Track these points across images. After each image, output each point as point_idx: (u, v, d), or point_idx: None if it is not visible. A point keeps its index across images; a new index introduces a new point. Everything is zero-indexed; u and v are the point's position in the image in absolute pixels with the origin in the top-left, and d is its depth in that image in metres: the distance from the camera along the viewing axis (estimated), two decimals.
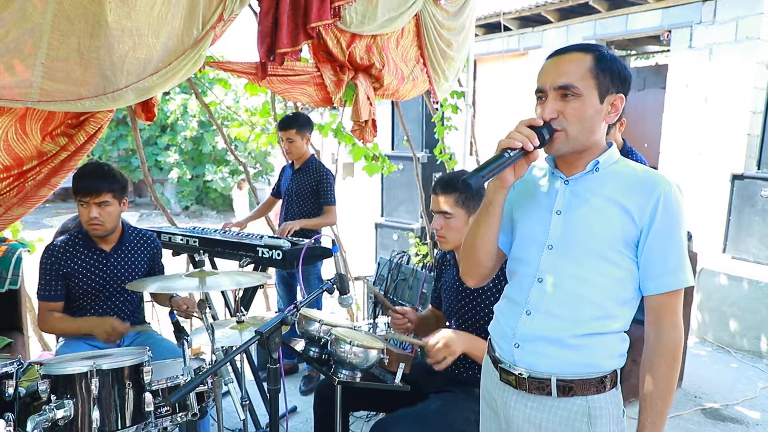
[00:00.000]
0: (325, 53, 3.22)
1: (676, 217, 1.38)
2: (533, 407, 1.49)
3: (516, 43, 8.16)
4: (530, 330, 1.48)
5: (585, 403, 1.44)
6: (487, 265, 1.63)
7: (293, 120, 3.84)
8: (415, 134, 5.44)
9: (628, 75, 1.44)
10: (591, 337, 1.43)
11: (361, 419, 3.27)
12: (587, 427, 1.43)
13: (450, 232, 2.22)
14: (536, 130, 1.39)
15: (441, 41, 3.84)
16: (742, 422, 3.58)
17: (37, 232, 4.94)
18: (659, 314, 1.43)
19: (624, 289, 1.44)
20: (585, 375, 1.44)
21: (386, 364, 2.07)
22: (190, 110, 14.94)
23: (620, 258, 1.41)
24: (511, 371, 1.51)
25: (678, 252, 1.39)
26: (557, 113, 1.40)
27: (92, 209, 2.47)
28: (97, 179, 2.47)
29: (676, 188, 1.40)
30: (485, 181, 1.39)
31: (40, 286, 2.54)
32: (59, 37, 2.05)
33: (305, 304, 1.99)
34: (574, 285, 1.43)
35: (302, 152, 3.89)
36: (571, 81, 1.38)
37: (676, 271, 1.40)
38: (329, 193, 3.83)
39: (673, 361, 1.43)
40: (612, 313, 1.44)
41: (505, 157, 1.38)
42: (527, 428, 1.50)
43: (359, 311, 5.05)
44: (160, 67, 2.36)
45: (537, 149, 1.40)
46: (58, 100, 2.14)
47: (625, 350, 1.49)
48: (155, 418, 1.87)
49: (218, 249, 3.24)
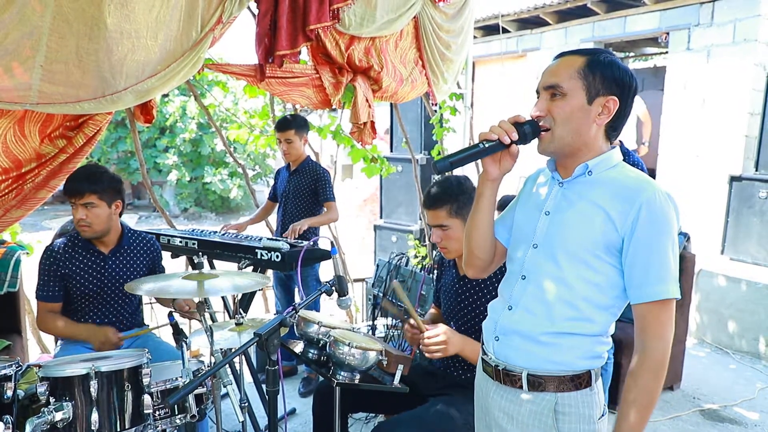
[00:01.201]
0: (323, 55, 3.22)
1: (660, 226, 1.36)
2: (508, 399, 1.52)
3: (514, 45, 8.17)
4: (508, 324, 1.52)
5: (553, 399, 1.46)
6: (481, 256, 1.66)
7: (291, 121, 3.86)
8: (414, 136, 5.44)
9: (626, 79, 1.42)
10: (563, 336, 1.45)
11: (360, 421, 3.27)
12: (553, 422, 1.45)
13: (450, 243, 2.23)
14: (518, 126, 1.42)
15: (440, 43, 3.85)
16: (740, 423, 3.58)
17: (36, 234, 4.94)
18: (643, 324, 1.40)
19: (602, 294, 1.43)
20: (555, 372, 1.46)
21: (385, 366, 2.07)
22: (189, 112, 14.92)
23: (599, 263, 1.41)
24: (490, 363, 1.56)
25: (661, 262, 1.37)
26: (545, 111, 1.43)
27: (79, 210, 2.49)
28: (80, 181, 2.49)
29: (662, 196, 1.37)
30: (453, 168, 1.44)
31: (39, 286, 2.55)
32: (58, 39, 2.05)
33: (304, 306, 1.99)
34: (552, 285, 1.45)
35: (300, 153, 3.91)
36: (557, 81, 1.41)
37: (657, 282, 1.37)
38: (328, 190, 3.86)
39: (655, 374, 1.38)
40: (587, 316, 1.44)
41: (480, 147, 1.42)
42: (502, 418, 1.54)
43: (358, 313, 5.05)
44: (159, 70, 2.36)
45: (516, 144, 1.44)
46: (56, 103, 2.14)
47: (602, 352, 1.49)
48: (154, 420, 1.88)
49: (217, 251, 3.24)
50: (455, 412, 2.09)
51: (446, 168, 1.41)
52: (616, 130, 1.49)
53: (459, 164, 1.42)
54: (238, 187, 15.45)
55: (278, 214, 4.08)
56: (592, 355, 1.47)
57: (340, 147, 4.45)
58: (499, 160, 1.49)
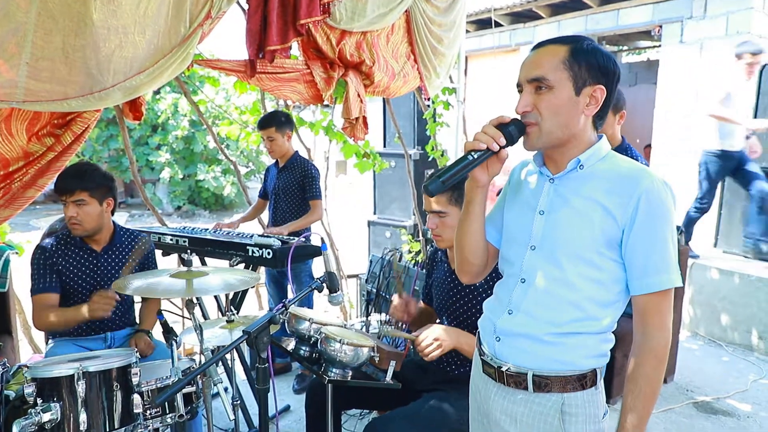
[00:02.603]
0: (314, 50, 3.20)
1: (660, 215, 1.34)
2: (511, 400, 1.48)
3: (507, 39, 8.16)
4: (510, 327, 1.48)
5: (560, 399, 1.43)
6: (475, 262, 1.62)
7: (271, 119, 3.84)
8: (406, 131, 5.42)
9: (610, 66, 1.38)
10: (569, 336, 1.42)
11: (354, 417, 3.26)
12: (559, 423, 1.42)
13: (445, 231, 2.21)
14: (504, 128, 1.37)
15: (432, 37, 3.83)
16: (733, 415, 3.59)
17: (26, 234, 4.90)
18: (644, 315, 1.39)
19: (606, 291, 1.41)
20: (561, 372, 1.42)
21: (377, 362, 2.06)
22: (181, 109, 14.83)
23: (602, 261, 1.38)
24: (491, 364, 1.52)
25: (662, 251, 1.35)
26: (531, 106, 1.38)
27: (69, 208, 2.47)
28: (71, 178, 2.47)
29: (660, 185, 1.35)
30: (446, 187, 1.37)
31: (34, 281, 2.50)
32: (44, 35, 2.02)
33: (294, 303, 1.98)
34: (555, 287, 1.41)
35: (285, 150, 3.89)
36: (542, 73, 1.35)
37: (660, 272, 1.35)
38: (314, 188, 3.84)
39: (658, 364, 1.38)
40: (593, 315, 1.41)
41: (469, 159, 1.37)
42: (503, 420, 1.50)
43: (352, 309, 5.04)
44: (147, 66, 2.33)
45: (505, 148, 1.39)
46: (43, 100, 2.11)
47: (606, 350, 1.47)
48: (144, 419, 1.86)
49: (208, 249, 3.22)
50: (449, 408, 2.08)
51: (439, 188, 1.36)
52: (602, 119, 1.45)
53: (451, 182, 1.37)
54: (231, 185, 15.38)
55: (270, 212, 4.06)
56: (598, 353, 1.45)
57: (333, 143, 4.43)
58: (487, 166, 1.44)
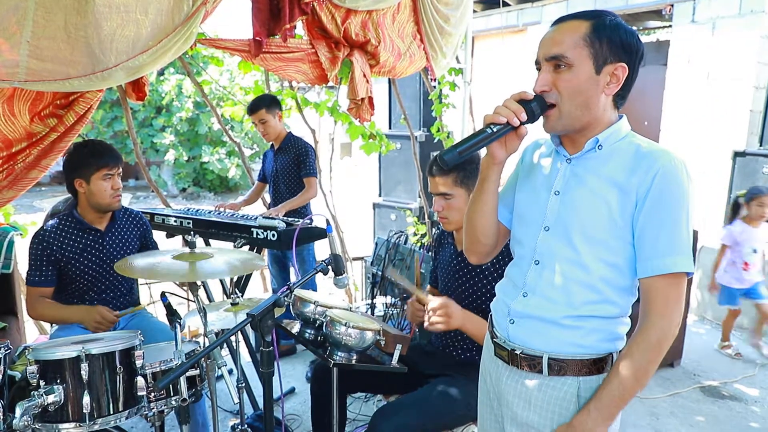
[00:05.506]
0: (319, 30, 3.14)
1: (674, 194, 1.28)
2: (524, 384, 1.45)
3: (515, 19, 8.03)
4: (525, 309, 1.45)
5: (576, 383, 1.40)
6: (485, 242, 1.59)
7: (259, 102, 3.83)
8: (412, 112, 5.36)
9: (633, 42, 1.32)
10: (585, 319, 1.38)
11: (360, 399, 3.27)
12: (576, 408, 1.39)
13: (451, 213, 2.18)
14: (526, 104, 1.32)
15: (438, 16, 3.76)
16: (740, 400, 3.58)
17: (31, 215, 4.90)
18: (648, 300, 1.33)
19: (622, 276, 1.37)
20: (578, 355, 1.39)
21: (383, 346, 2.04)
22: (185, 91, 14.73)
23: (619, 244, 1.34)
24: (504, 347, 1.49)
25: (672, 233, 1.28)
26: (550, 86, 1.33)
27: (116, 180, 2.56)
28: (116, 151, 2.59)
29: (679, 164, 1.29)
30: (463, 158, 1.33)
31: (30, 271, 2.50)
32: (45, 14, 1.98)
33: (299, 286, 1.96)
34: (570, 269, 1.38)
35: (278, 131, 3.89)
36: (562, 51, 1.30)
37: (667, 254, 1.28)
38: (309, 165, 3.84)
39: (653, 354, 1.30)
40: (609, 298, 1.38)
41: (487, 132, 1.33)
42: (516, 404, 1.47)
43: (357, 292, 5.03)
44: (150, 45, 2.29)
45: (525, 124, 1.34)
46: (45, 80, 2.08)
47: (623, 334, 1.44)
48: (149, 402, 1.85)
49: (212, 230, 3.20)
50: (457, 393, 2.07)
51: (455, 159, 1.32)
52: (624, 98, 1.40)
53: (468, 153, 1.32)
54: (236, 167, 15.33)
55: (270, 194, 4.06)
56: (614, 336, 1.42)
57: (338, 124, 4.39)
58: (504, 142, 1.39)
